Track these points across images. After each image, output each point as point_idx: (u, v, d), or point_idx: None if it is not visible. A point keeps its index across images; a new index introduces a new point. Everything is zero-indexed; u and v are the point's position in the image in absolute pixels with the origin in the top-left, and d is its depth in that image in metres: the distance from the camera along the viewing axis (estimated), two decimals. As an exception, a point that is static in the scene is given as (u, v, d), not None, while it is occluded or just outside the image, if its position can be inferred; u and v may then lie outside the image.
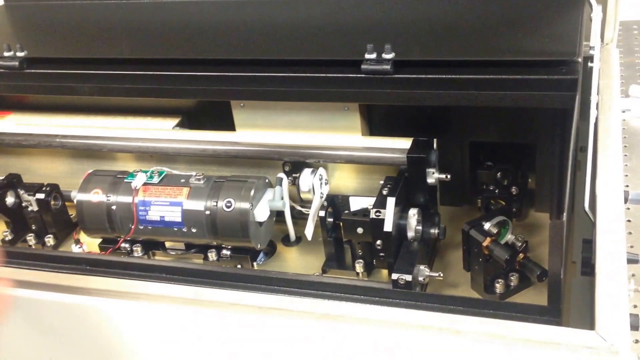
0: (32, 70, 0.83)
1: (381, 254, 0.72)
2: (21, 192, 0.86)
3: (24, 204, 0.86)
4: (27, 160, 0.93)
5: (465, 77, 0.68)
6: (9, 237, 0.87)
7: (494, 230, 0.72)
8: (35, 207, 0.86)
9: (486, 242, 0.71)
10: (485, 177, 0.83)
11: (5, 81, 0.85)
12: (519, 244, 0.73)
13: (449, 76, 0.69)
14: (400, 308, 0.58)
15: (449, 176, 0.75)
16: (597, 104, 0.69)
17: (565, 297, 0.65)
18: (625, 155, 1.02)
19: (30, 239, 0.87)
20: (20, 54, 0.83)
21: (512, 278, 0.73)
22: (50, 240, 0.87)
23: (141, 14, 0.99)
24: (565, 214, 0.64)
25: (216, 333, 0.63)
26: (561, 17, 0.77)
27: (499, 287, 0.72)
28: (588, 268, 0.63)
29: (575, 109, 0.67)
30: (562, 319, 0.57)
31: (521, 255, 0.73)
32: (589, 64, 0.68)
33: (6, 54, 0.83)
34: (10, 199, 0.87)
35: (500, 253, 0.70)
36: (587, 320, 0.56)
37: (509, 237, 0.73)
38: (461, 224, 0.74)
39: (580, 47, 0.69)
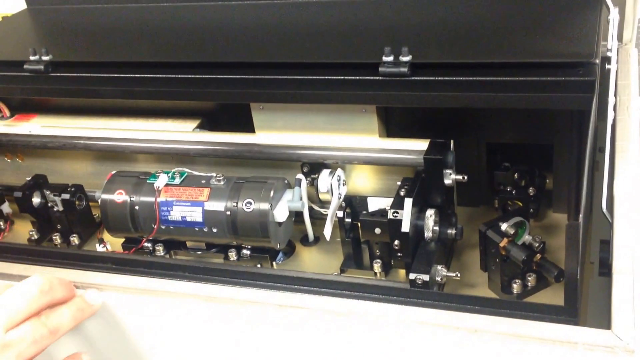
0: (57, 74, 0.85)
1: (399, 254, 0.72)
2: (47, 192, 0.88)
3: (49, 204, 0.89)
4: (52, 162, 0.95)
5: (482, 79, 0.69)
6: (35, 237, 0.90)
7: (511, 231, 0.72)
8: (60, 207, 0.88)
9: (503, 242, 0.71)
10: (502, 178, 0.83)
11: (31, 84, 0.87)
12: (536, 245, 0.73)
13: (466, 78, 0.69)
14: (418, 307, 0.59)
15: (465, 177, 0.75)
16: (615, 106, 0.69)
17: (583, 298, 0.65)
18: (644, 155, 1.02)
19: (56, 238, 0.89)
20: (45, 58, 0.85)
21: (529, 278, 0.73)
22: (75, 239, 0.89)
23: (162, 17, 1.01)
24: (582, 215, 0.64)
25: (236, 330, 0.64)
26: (578, 19, 0.77)
27: (516, 287, 0.73)
28: (605, 269, 0.63)
29: (593, 110, 0.67)
30: (579, 319, 0.58)
31: (538, 256, 0.73)
32: (607, 66, 0.69)
33: (32, 57, 0.85)
34: (36, 200, 0.89)
35: (517, 254, 0.71)
36: (604, 320, 0.57)
37: (526, 237, 0.74)
38: (478, 224, 0.75)
39: (597, 48, 0.69)
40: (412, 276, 0.67)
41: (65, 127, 0.92)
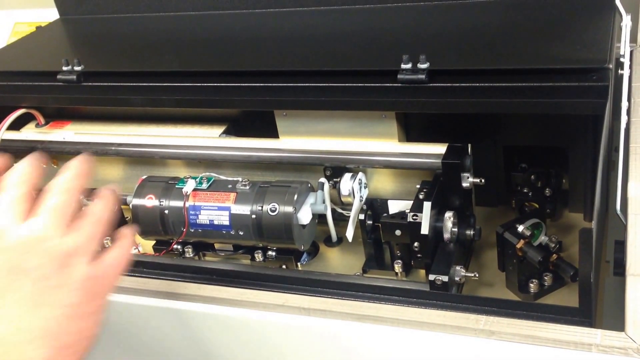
0: (89, 84, 0.89)
1: (418, 255, 0.75)
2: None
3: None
4: (85, 167, 0.99)
5: (498, 85, 0.70)
6: (71, 239, 0.94)
7: (528, 233, 0.74)
8: (94, 211, 0.91)
9: (520, 244, 0.73)
10: (519, 179, 0.85)
11: (65, 94, 0.90)
12: (553, 245, 0.75)
13: (482, 84, 0.71)
14: (436, 309, 0.62)
15: (483, 180, 0.77)
16: (628, 110, 0.71)
17: (598, 297, 0.67)
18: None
19: (90, 240, 0.93)
20: (77, 68, 0.89)
21: (546, 278, 0.75)
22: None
23: (189, 26, 1.04)
24: (595, 217, 0.66)
25: (262, 333, 0.68)
26: (592, 25, 0.78)
27: (533, 286, 0.75)
28: (620, 269, 0.65)
29: (607, 114, 0.69)
30: (593, 320, 0.60)
31: (554, 256, 0.75)
32: (620, 71, 0.70)
33: (65, 68, 0.89)
34: (71, 204, 0.93)
35: (534, 255, 0.73)
36: (618, 321, 0.58)
37: (543, 238, 0.76)
38: (496, 224, 0.77)
39: (611, 53, 0.71)
40: (431, 277, 0.70)
41: (97, 134, 0.95)
